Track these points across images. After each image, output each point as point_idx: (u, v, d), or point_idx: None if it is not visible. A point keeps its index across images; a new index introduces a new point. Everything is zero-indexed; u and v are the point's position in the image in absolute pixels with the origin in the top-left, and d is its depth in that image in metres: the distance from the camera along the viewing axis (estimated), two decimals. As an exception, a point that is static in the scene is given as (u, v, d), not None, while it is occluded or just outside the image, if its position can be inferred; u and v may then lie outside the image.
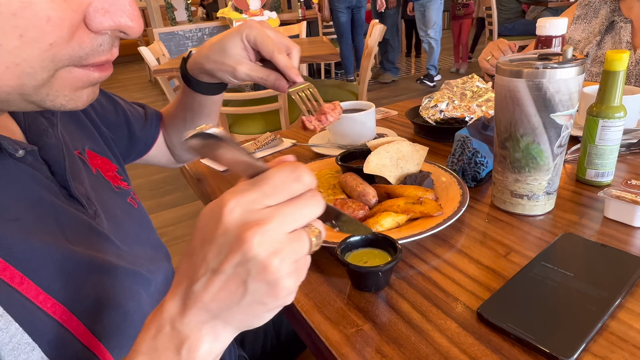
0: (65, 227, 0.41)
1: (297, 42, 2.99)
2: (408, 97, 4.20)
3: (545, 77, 0.53)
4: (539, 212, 0.62)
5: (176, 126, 0.72)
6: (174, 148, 0.75)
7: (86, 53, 0.34)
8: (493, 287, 0.49)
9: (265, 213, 0.28)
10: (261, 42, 0.54)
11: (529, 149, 0.58)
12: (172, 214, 2.49)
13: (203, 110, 0.67)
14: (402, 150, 0.70)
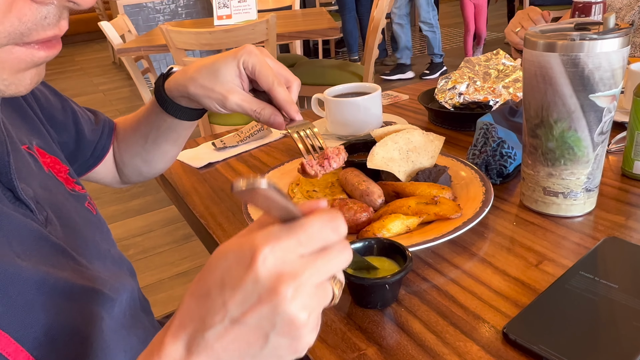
0: (11, 237, 0.41)
1: (290, 14, 3.00)
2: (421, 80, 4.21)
3: (583, 51, 0.53)
4: (577, 213, 0.62)
5: (133, 143, 0.72)
6: (123, 166, 0.74)
7: (28, 28, 0.34)
8: (522, 302, 0.49)
9: (299, 264, 0.29)
10: (260, 71, 0.55)
11: (564, 137, 0.58)
12: (140, 221, 2.48)
13: (171, 135, 0.68)
14: (414, 140, 0.70)
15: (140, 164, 0.73)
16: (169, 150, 0.71)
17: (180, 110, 0.62)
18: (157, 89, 0.63)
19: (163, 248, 2.23)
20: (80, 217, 0.53)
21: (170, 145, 0.70)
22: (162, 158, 0.73)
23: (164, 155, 0.72)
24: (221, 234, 0.68)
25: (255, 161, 0.90)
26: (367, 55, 2.52)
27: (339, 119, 0.91)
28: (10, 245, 0.41)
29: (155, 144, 0.69)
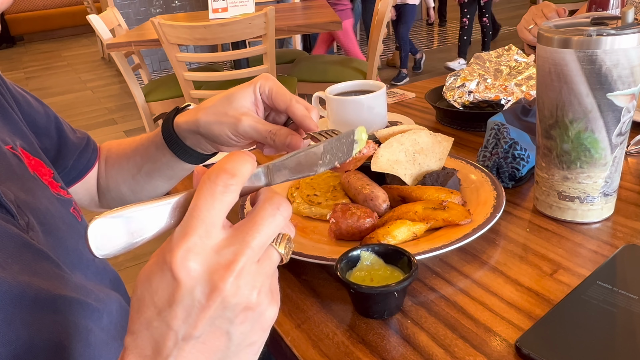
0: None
1: (289, 7, 3.01)
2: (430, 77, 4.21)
3: (600, 47, 0.53)
4: (595, 219, 0.62)
5: (125, 170, 0.71)
6: (107, 191, 0.74)
7: None
8: (536, 313, 0.49)
9: (227, 252, 0.29)
10: (277, 91, 0.54)
11: (580, 138, 0.58)
12: (131, 226, 2.49)
13: (166, 172, 0.67)
14: (420, 142, 0.70)
15: (127, 193, 0.73)
16: (159, 185, 0.70)
17: (183, 150, 0.61)
18: (166, 121, 0.61)
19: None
20: (64, 223, 0.53)
21: (163, 181, 0.69)
22: (150, 192, 0.72)
23: (153, 190, 0.71)
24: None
25: (253, 163, 0.90)
26: (371, 51, 2.52)
27: (341, 119, 0.91)
28: None
29: (148, 177, 0.69)
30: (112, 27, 2.55)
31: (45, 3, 8.39)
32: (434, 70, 4.59)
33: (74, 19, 8.09)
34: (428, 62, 4.90)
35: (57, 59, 6.79)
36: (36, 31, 8.21)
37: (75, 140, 0.69)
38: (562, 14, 1.10)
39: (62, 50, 7.38)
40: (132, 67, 2.51)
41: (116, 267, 0.61)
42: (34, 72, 6.14)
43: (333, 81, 2.69)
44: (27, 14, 8.24)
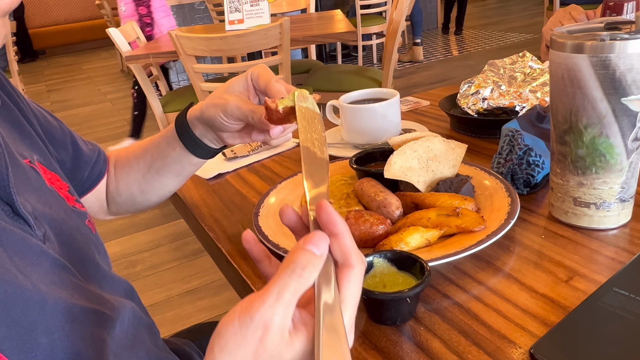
0: (12, 252, 0.42)
1: (305, 17, 3.04)
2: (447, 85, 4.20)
3: (614, 52, 0.53)
4: (611, 225, 0.61)
5: (135, 170, 0.75)
6: (117, 195, 0.76)
7: None
8: (551, 320, 0.48)
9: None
10: (261, 73, 0.62)
11: (595, 143, 0.57)
12: (148, 236, 2.52)
13: (174, 167, 0.72)
14: (434, 148, 0.70)
15: (137, 193, 0.76)
16: (168, 183, 0.74)
17: (192, 140, 0.68)
18: (181, 113, 0.68)
19: (171, 264, 2.26)
20: (80, 234, 0.54)
21: (171, 179, 0.73)
22: (159, 190, 0.75)
23: (162, 188, 0.75)
24: (231, 248, 0.69)
25: (267, 171, 0.91)
26: (385, 60, 2.53)
27: (355, 127, 0.92)
28: (12, 261, 0.41)
29: (157, 174, 0.73)
30: (131, 39, 2.60)
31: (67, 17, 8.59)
32: (450, 79, 4.57)
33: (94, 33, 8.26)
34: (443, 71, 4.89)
35: (78, 71, 6.93)
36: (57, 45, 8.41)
37: (88, 152, 0.72)
38: (591, 17, 1.08)
39: (82, 63, 7.54)
40: (151, 79, 2.55)
41: (133, 276, 0.63)
42: (55, 85, 6.27)
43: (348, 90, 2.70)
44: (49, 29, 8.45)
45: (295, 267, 0.34)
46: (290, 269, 0.34)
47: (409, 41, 5.61)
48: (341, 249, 0.37)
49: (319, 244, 0.35)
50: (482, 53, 5.46)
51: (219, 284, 2.05)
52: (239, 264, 0.65)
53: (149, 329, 0.59)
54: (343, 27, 2.49)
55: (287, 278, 0.34)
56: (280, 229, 0.66)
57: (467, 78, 1.00)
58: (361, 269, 0.38)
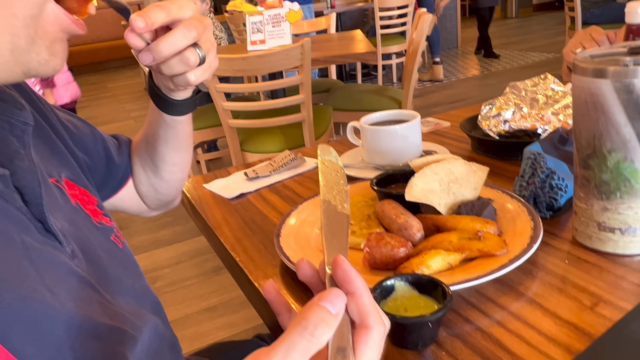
0: (43, 271, 0.43)
1: (325, 37, 3.08)
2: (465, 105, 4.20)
3: (638, 77, 0.53)
4: (637, 251, 0.60)
5: (140, 150, 0.76)
6: (139, 184, 0.78)
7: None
8: (576, 348, 0.48)
9: None
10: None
11: (619, 168, 0.57)
12: (169, 252, 2.54)
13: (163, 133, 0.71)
14: (455, 171, 0.70)
15: (151, 176, 0.76)
16: (166, 154, 0.73)
17: (162, 100, 0.66)
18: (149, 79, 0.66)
19: (191, 281, 2.27)
20: (104, 251, 0.55)
21: (167, 148, 0.73)
22: (165, 166, 0.75)
23: (164, 162, 0.74)
24: (252, 268, 0.69)
25: (288, 192, 0.92)
26: (405, 80, 2.54)
27: (375, 148, 0.92)
28: (42, 279, 0.42)
29: (154, 148, 0.73)
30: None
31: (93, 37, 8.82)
32: (470, 98, 4.56)
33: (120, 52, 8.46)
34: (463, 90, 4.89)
35: (103, 89, 7.10)
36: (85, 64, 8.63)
37: (118, 152, 0.74)
38: (612, 39, 1.08)
39: (107, 81, 7.71)
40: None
41: (155, 291, 0.64)
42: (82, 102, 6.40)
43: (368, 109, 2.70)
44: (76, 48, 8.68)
45: (307, 324, 0.32)
46: (302, 326, 0.32)
47: (428, 60, 5.63)
48: (358, 309, 0.35)
49: (335, 301, 0.33)
50: (503, 72, 5.45)
51: (238, 301, 2.06)
52: (259, 284, 0.66)
53: (172, 346, 0.60)
54: (363, 47, 2.51)
55: (297, 336, 0.32)
56: (301, 250, 0.67)
57: (487, 97, 1.00)
58: (380, 331, 0.35)
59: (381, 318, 0.36)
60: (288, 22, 2.59)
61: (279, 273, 0.68)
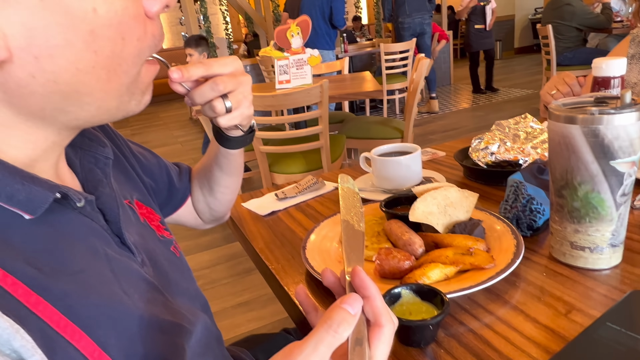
0: (120, 277, 0.44)
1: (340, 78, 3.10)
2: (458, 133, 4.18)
3: (602, 123, 0.54)
4: (604, 266, 0.61)
5: (200, 176, 0.78)
6: (197, 203, 0.80)
7: (156, 41, 0.43)
8: (552, 349, 0.48)
9: None
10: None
11: (588, 197, 0.58)
12: (209, 255, 2.56)
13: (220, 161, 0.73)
14: (450, 196, 0.71)
15: (207, 196, 0.78)
16: (220, 178, 0.75)
17: (222, 138, 0.68)
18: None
19: (227, 280, 2.28)
20: (165, 259, 0.56)
21: (222, 173, 0.74)
22: (219, 188, 0.77)
23: (219, 184, 0.76)
24: (283, 274, 0.71)
25: (311, 210, 0.94)
26: (407, 113, 2.56)
27: (383, 175, 0.94)
28: (119, 284, 0.44)
29: (211, 173, 0.75)
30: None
31: (148, 75, 9.00)
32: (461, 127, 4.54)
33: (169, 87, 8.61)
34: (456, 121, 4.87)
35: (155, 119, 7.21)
36: (141, 97, 8.80)
37: (179, 178, 0.76)
38: (582, 82, 1.08)
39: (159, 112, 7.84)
40: (214, 127, 2.64)
41: None
42: (138, 129, 6.55)
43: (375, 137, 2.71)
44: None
45: (332, 323, 0.34)
46: (328, 325, 0.34)
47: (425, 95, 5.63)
48: (372, 310, 0.37)
49: (354, 304, 0.35)
50: (489, 105, 5.42)
51: (266, 298, 2.06)
52: (288, 287, 0.67)
53: (217, 339, 0.61)
54: (371, 86, 2.53)
55: (323, 332, 0.33)
56: (323, 261, 0.68)
57: (476, 127, 1.02)
58: (390, 329, 0.37)
59: (391, 318, 0.38)
60: (309, 65, 2.63)
61: (304, 280, 0.69)
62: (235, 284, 2.24)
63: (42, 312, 0.35)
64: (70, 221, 0.43)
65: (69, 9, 0.36)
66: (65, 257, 0.40)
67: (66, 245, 0.41)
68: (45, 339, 0.34)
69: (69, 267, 0.40)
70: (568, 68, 4.26)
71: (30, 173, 0.40)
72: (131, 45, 0.40)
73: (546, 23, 4.34)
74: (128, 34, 0.40)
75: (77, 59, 0.38)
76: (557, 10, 4.29)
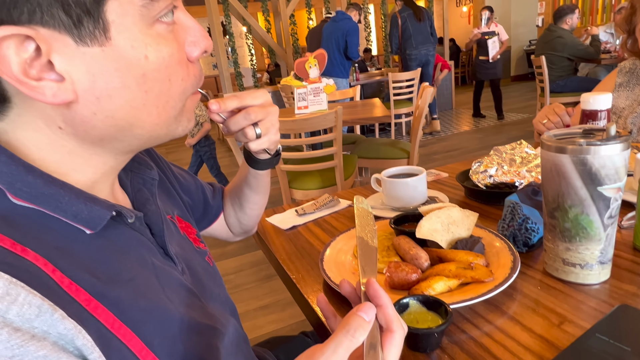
0: (164, 284, 0.46)
1: (352, 104, 3.13)
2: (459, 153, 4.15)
3: (590, 154, 0.54)
4: (594, 282, 0.60)
5: (232, 195, 0.81)
6: (228, 217, 0.82)
7: (197, 80, 0.45)
8: (546, 356, 0.48)
9: None
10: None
11: (578, 219, 0.58)
12: (234, 262, 2.57)
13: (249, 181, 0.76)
14: (453, 215, 0.72)
15: (238, 212, 0.80)
16: (249, 195, 0.77)
17: (252, 159, 0.71)
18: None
19: (250, 285, 2.29)
20: (201, 268, 0.57)
21: (250, 192, 0.77)
22: (248, 204, 0.79)
23: (247, 201, 0.78)
24: (303, 284, 0.72)
25: (328, 225, 0.95)
26: (412, 135, 2.56)
27: (392, 195, 0.94)
28: (164, 290, 0.45)
29: (241, 191, 0.77)
30: (228, 120, 2.75)
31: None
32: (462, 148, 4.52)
33: (200, 111, 8.74)
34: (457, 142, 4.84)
35: (188, 139, 7.30)
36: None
37: (213, 196, 0.78)
38: (570, 112, 1.08)
39: (191, 132, 7.94)
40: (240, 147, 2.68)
41: None
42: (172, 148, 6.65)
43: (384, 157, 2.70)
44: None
45: (349, 328, 0.35)
46: (345, 330, 0.35)
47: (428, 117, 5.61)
48: (385, 317, 0.38)
49: (368, 312, 0.36)
50: (488, 128, 5.38)
51: (285, 302, 2.06)
52: (308, 295, 0.68)
53: (245, 340, 0.61)
54: (380, 111, 2.55)
55: (342, 337, 0.35)
56: (339, 272, 0.68)
57: (476, 148, 1.02)
58: (401, 334, 0.37)
59: (401, 324, 0.38)
60: (325, 93, 2.66)
61: (322, 288, 0.69)
62: (257, 288, 2.24)
63: (99, 315, 0.37)
64: (123, 235, 0.45)
65: (124, 57, 0.38)
66: (119, 267, 0.42)
67: (119, 256, 0.43)
68: (102, 339, 0.36)
69: (121, 276, 0.42)
70: (560, 95, 4.22)
71: (91, 194, 0.42)
72: (176, 84, 0.43)
73: (540, 54, 4.32)
74: (174, 75, 0.42)
75: (131, 98, 0.40)
76: (550, 42, 4.28)
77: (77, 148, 0.42)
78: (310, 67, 2.67)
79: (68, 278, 0.37)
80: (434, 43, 4.99)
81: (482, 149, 4.10)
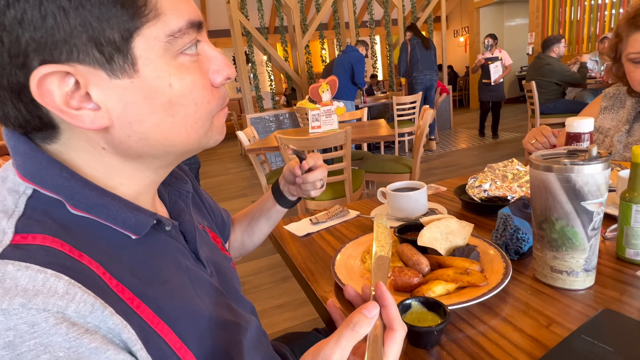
0: (196, 285, 0.47)
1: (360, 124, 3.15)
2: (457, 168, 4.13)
3: (574, 172, 0.55)
4: (579, 287, 0.60)
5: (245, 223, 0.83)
6: (234, 241, 0.83)
7: (222, 101, 0.46)
8: (535, 355, 0.48)
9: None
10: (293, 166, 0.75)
11: (564, 231, 0.58)
12: (252, 265, 2.58)
13: (269, 214, 0.80)
14: (451, 226, 0.72)
15: (245, 237, 0.82)
16: (263, 226, 0.80)
17: (280, 196, 0.76)
18: (276, 183, 0.78)
19: (267, 285, 2.28)
20: (228, 271, 0.59)
21: (265, 223, 0.80)
22: (257, 232, 0.81)
23: (259, 230, 0.81)
24: (317, 286, 0.72)
25: (339, 233, 0.95)
26: (415, 152, 2.56)
27: (396, 206, 0.95)
28: (195, 290, 0.46)
29: (256, 221, 0.80)
30: (249, 137, 2.80)
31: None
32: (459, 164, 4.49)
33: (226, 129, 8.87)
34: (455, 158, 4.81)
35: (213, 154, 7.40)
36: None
37: (226, 221, 0.79)
38: (556, 134, 1.08)
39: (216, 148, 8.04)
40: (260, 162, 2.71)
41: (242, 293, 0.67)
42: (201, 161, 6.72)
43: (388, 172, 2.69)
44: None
45: (351, 322, 0.36)
46: (348, 324, 0.36)
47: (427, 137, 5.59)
48: (387, 316, 0.38)
49: (371, 309, 0.37)
50: (482, 146, 5.33)
51: (299, 302, 2.05)
52: (321, 296, 0.68)
53: (264, 335, 0.62)
54: (385, 131, 2.56)
55: (344, 330, 0.36)
56: (348, 275, 0.69)
57: (472, 164, 1.01)
58: (401, 333, 0.38)
59: (402, 324, 0.39)
60: (336, 114, 2.69)
61: (333, 290, 0.70)
62: (274, 289, 2.24)
63: (141, 312, 0.39)
64: (161, 241, 0.47)
65: (151, 86, 0.40)
66: (157, 270, 0.44)
67: (157, 260, 0.44)
68: (143, 333, 0.37)
69: (159, 277, 0.43)
70: (550, 116, 4.18)
71: (136, 204, 0.44)
72: (202, 107, 0.43)
73: (530, 79, 4.30)
74: (199, 100, 0.43)
75: (160, 122, 0.41)
76: (539, 69, 4.26)
77: (120, 165, 0.44)
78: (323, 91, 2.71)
79: (115, 279, 0.38)
80: (436, 70, 5.03)
81: (478, 164, 4.08)
